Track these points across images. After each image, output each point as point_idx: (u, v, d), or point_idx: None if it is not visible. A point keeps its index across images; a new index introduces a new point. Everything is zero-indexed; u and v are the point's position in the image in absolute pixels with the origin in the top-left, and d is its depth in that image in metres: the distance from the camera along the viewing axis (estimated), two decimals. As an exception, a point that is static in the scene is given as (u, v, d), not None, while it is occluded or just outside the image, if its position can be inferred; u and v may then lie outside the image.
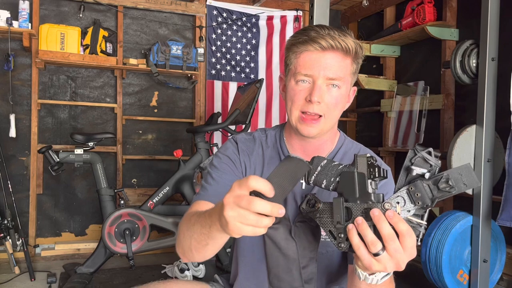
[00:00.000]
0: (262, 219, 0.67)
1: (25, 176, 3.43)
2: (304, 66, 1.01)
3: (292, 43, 1.04)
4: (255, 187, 0.67)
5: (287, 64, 1.07)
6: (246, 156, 1.14)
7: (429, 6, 3.22)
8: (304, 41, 1.01)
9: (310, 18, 2.26)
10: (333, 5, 4.09)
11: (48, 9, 3.49)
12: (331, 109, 1.03)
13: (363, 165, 0.78)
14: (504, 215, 2.21)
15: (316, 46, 0.99)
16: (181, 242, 0.95)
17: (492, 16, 2.31)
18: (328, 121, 1.05)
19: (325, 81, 1.01)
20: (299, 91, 1.03)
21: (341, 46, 1.00)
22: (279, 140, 1.16)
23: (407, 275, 3.29)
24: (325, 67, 1.00)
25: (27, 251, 2.97)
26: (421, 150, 0.80)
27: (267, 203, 0.66)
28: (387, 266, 0.73)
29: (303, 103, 1.03)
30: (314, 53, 1.00)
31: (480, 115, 2.37)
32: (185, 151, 3.82)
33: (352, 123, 4.37)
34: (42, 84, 3.48)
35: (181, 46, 3.60)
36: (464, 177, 0.76)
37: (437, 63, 3.33)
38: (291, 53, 1.05)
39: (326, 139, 1.12)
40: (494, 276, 2.53)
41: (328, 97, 1.02)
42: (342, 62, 1.02)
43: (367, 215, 0.75)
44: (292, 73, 1.05)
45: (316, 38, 0.99)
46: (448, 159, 2.44)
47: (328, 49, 0.99)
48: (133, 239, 2.82)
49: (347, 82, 1.05)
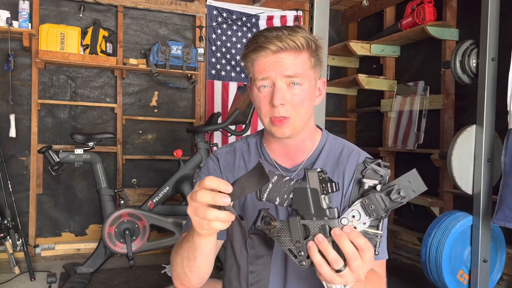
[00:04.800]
0: (216, 224, 0.76)
1: (25, 176, 3.43)
2: (261, 71, 1.02)
3: (245, 53, 1.05)
4: (210, 186, 0.76)
5: (248, 73, 1.08)
6: (229, 172, 1.15)
7: (429, 6, 3.22)
8: (254, 49, 1.01)
9: (310, 18, 2.26)
10: (333, 5, 4.09)
11: (48, 9, 3.49)
12: (297, 108, 1.02)
13: (315, 181, 0.79)
14: (499, 215, 2.21)
15: (267, 51, 1.00)
16: (176, 270, 0.98)
17: (492, 16, 2.31)
18: (298, 120, 1.04)
19: (284, 80, 1.01)
20: (263, 97, 1.03)
21: (290, 45, 0.99)
22: (260, 146, 1.16)
23: (407, 275, 3.30)
24: (280, 66, 1.00)
25: (27, 251, 2.97)
26: (371, 162, 0.82)
27: (217, 212, 0.75)
28: (348, 280, 0.76)
29: (269, 108, 1.03)
30: (267, 57, 1.01)
31: (480, 115, 2.37)
32: (185, 151, 3.82)
33: (352, 123, 4.37)
34: (42, 84, 3.48)
35: (181, 46, 3.60)
36: (413, 184, 0.79)
37: (437, 63, 3.33)
38: (248, 63, 1.05)
39: (305, 138, 1.11)
40: (494, 276, 2.53)
41: (291, 96, 1.01)
42: (297, 59, 1.01)
43: (325, 231, 0.77)
44: (253, 81, 1.05)
45: (264, 43, 0.99)
46: (448, 159, 2.44)
47: (279, 51, 1.00)
48: (133, 239, 2.82)
49: (308, 77, 1.04)
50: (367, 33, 4.11)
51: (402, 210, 3.71)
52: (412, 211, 3.56)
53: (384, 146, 3.78)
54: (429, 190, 3.19)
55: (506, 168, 2.20)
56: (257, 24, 4.05)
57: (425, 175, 0.82)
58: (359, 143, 4.24)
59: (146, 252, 3.01)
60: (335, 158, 1.11)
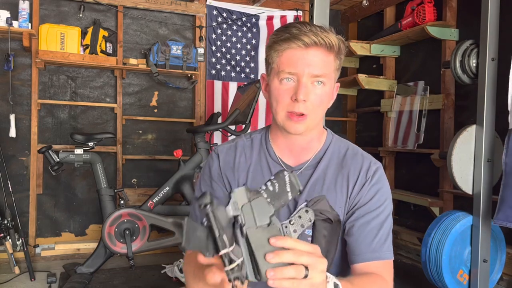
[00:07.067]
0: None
1: (25, 176, 3.43)
2: (288, 64, 0.99)
3: (274, 41, 1.02)
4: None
5: (269, 63, 1.05)
6: (229, 169, 1.14)
7: (429, 6, 3.22)
8: (286, 39, 0.99)
9: (310, 18, 2.26)
10: (333, 5, 4.09)
11: (48, 9, 3.49)
12: (316, 107, 1.02)
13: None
14: (501, 215, 2.20)
15: (299, 43, 0.97)
16: None
17: (492, 16, 2.31)
18: (313, 119, 1.03)
19: (310, 78, 0.99)
20: (284, 90, 1.01)
21: (324, 42, 0.98)
22: (265, 142, 1.15)
23: (407, 275, 3.30)
24: (309, 64, 0.98)
25: (27, 251, 2.97)
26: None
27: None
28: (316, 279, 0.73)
29: (289, 103, 1.01)
30: (297, 50, 0.98)
31: (480, 115, 2.37)
32: (185, 151, 3.82)
33: (352, 123, 4.36)
34: (42, 84, 3.48)
35: (181, 46, 3.60)
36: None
37: (437, 63, 3.33)
38: (273, 52, 1.02)
39: (313, 138, 1.10)
40: (494, 276, 2.53)
41: (313, 95, 1.00)
42: (326, 59, 1.00)
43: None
44: (275, 72, 1.02)
45: (298, 35, 0.97)
46: (448, 159, 2.44)
47: (311, 45, 0.98)
48: (133, 239, 2.81)
49: (331, 79, 1.04)
50: (367, 33, 4.10)
51: (402, 210, 3.71)
52: (412, 211, 3.56)
53: (384, 146, 3.78)
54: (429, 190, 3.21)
55: (507, 168, 2.20)
56: (257, 24, 4.05)
57: (425, 175, 0.82)
58: (359, 143, 4.22)
59: (146, 252, 3.01)
60: (339, 159, 1.11)
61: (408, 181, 3.67)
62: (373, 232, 1.03)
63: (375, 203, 1.05)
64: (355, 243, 1.03)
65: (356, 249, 1.03)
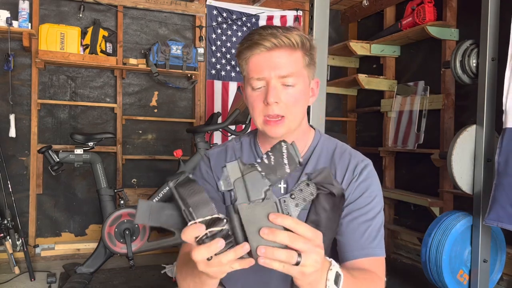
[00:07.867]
0: (235, 265, 0.71)
1: (25, 176, 3.43)
2: (255, 70, 1.01)
3: (239, 50, 1.05)
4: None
5: (242, 72, 1.08)
6: (220, 171, 1.14)
7: (429, 6, 3.22)
8: (249, 46, 1.01)
9: (310, 18, 2.26)
10: (333, 5, 4.08)
11: (48, 9, 3.49)
12: (291, 107, 1.02)
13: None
14: (492, 215, 2.19)
15: (261, 48, 1.00)
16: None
17: (492, 16, 2.31)
18: (292, 120, 1.04)
19: (278, 80, 1.01)
20: (256, 96, 1.03)
21: (285, 43, 0.99)
22: (253, 145, 1.16)
23: (407, 275, 3.30)
24: (275, 66, 1.00)
25: (27, 251, 2.97)
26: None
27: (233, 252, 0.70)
28: (313, 264, 0.72)
29: (263, 107, 1.02)
30: (261, 55, 1.00)
31: (480, 115, 2.37)
32: (185, 151, 3.82)
33: (352, 123, 4.36)
34: (42, 84, 3.48)
35: (181, 46, 3.60)
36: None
37: (437, 63, 3.32)
38: (241, 60, 1.05)
39: (297, 138, 1.09)
40: (494, 276, 2.53)
41: (285, 96, 1.01)
42: (291, 57, 1.01)
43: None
44: (247, 80, 1.05)
45: (259, 40, 0.99)
46: (448, 159, 2.44)
47: (273, 48, 0.99)
48: (133, 239, 2.82)
49: (302, 76, 1.04)
50: (367, 33, 4.10)
51: (402, 210, 3.71)
52: (412, 211, 3.56)
53: (384, 146, 3.78)
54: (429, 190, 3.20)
55: (499, 167, 2.19)
56: (257, 24, 4.05)
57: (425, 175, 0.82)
58: (359, 143, 4.24)
59: (146, 252, 3.00)
60: (327, 159, 1.11)
61: (408, 181, 3.67)
62: (362, 229, 1.02)
63: (364, 200, 1.05)
64: (345, 240, 1.03)
65: (346, 247, 1.03)
